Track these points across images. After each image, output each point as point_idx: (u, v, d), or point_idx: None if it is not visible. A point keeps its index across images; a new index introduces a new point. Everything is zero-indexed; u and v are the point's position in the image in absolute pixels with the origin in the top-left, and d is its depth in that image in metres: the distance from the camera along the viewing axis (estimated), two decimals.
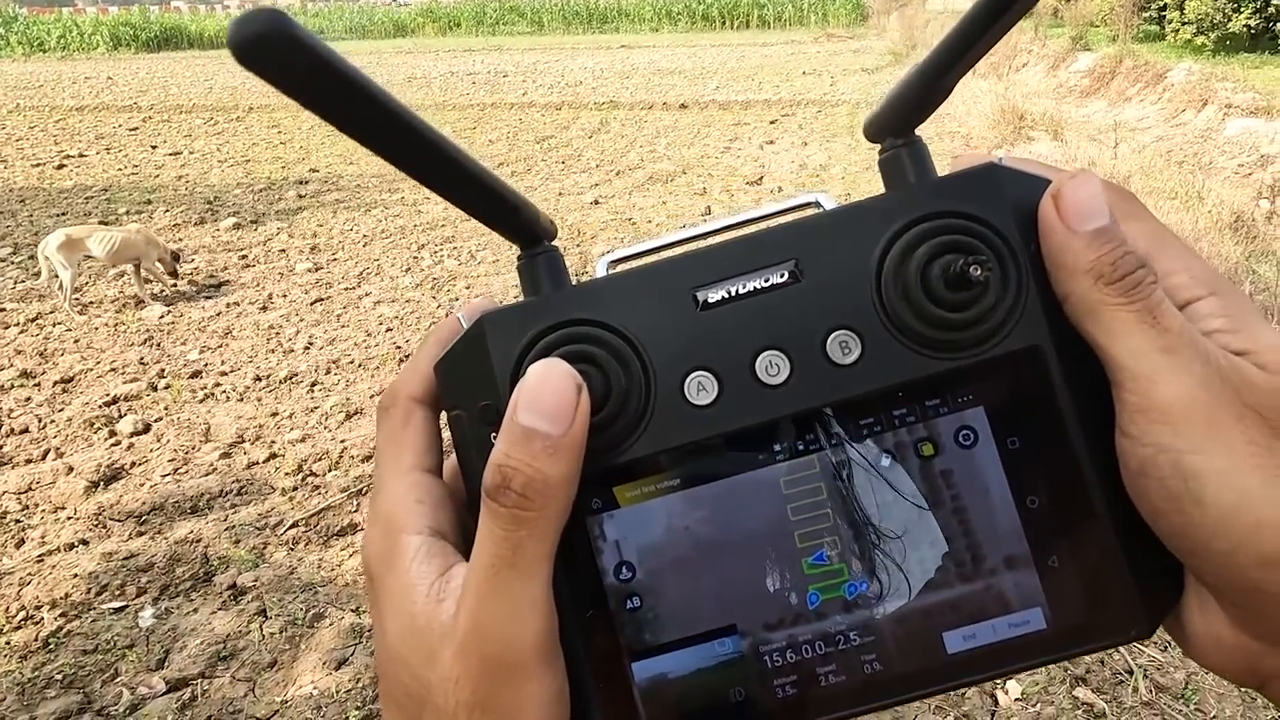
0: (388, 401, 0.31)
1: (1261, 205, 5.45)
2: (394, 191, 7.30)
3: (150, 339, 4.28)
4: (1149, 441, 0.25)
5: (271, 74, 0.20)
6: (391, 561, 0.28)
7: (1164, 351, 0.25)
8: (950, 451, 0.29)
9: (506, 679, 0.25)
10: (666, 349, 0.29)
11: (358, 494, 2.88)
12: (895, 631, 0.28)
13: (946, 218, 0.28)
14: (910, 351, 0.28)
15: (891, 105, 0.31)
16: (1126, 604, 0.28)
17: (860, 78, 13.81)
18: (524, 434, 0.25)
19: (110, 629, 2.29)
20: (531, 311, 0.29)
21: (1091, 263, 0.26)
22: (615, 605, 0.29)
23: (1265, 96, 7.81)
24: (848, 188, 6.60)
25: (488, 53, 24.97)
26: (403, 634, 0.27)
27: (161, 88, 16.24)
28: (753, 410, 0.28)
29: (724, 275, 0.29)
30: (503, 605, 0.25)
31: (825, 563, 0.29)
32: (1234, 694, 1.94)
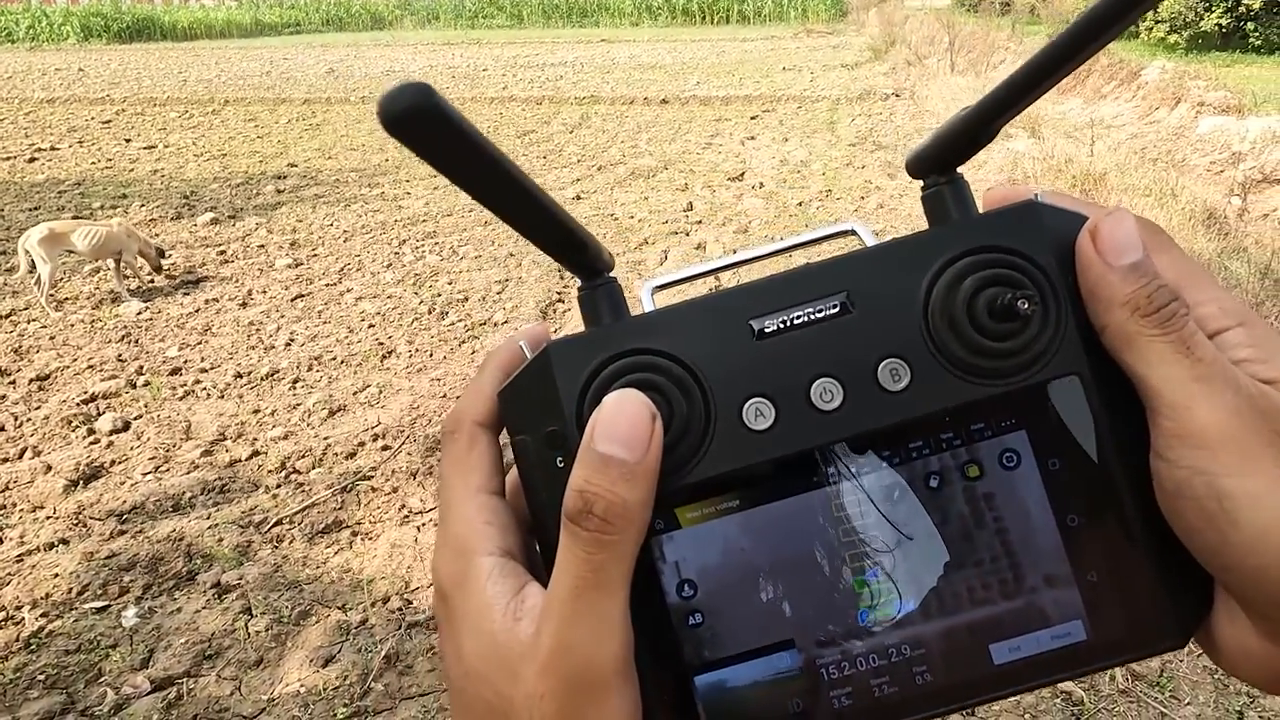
0: (452, 426, 0.32)
1: (1233, 202, 5.55)
2: (374, 186, 7.25)
3: (128, 336, 4.23)
4: (1185, 465, 0.27)
5: (417, 143, 0.22)
6: (466, 583, 0.29)
7: (1198, 380, 0.26)
8: (994, 473, 0.30)
9: (590, 696, 0.26)
10: (725, 377, 0.30)
11: (342, 491, 2.87)
12: (944, 644, 0.30)
13: (991, 252, 0.30)
14: (957, 379, 0.30)
15: (936, 144, 0.32)
16: (1161, 616, 0.29)
17: (840, 74, 13.87)
18: (602, 461, 0.26)
19: (93, 629, 2.27)
20: (595, 341, 0.30)
21: (1128, 296, 0.27)
22: (678, 622, 0.30)
23: (1236, 95, 7.95)
24: (828, 184, 6.64)
25: (467, 46, 24.80)
26: (482, 652, 0.28)
27: (135, 80, 15.98)
28: (809, 435, 0.30)
29: (778, 306, 0.31)
30: (587, 625, 0.26)
31: (874, 582, 0.30)
32: (1207, 682, 1.99)
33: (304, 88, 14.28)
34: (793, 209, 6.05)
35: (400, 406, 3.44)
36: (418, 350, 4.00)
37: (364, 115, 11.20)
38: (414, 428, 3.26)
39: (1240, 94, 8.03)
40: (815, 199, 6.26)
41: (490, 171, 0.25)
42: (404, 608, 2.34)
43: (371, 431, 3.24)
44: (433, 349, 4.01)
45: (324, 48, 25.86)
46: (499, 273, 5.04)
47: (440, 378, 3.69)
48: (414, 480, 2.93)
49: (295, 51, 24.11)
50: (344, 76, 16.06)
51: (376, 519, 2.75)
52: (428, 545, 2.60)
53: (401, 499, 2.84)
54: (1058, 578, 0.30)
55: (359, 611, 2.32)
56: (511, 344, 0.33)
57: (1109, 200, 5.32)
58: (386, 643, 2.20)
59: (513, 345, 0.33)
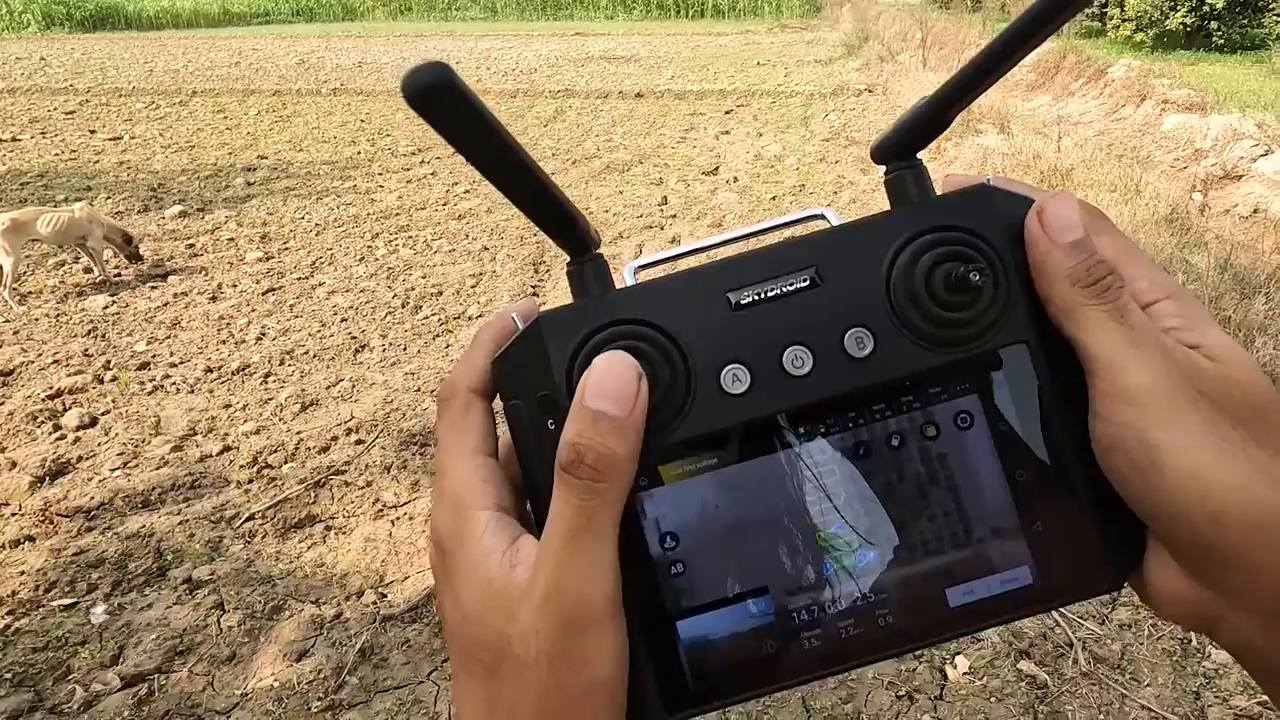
0: (447, 393, 0.34)
1: (1195, 198, 5.67)
2: (346, 179, 7.18)
3: (95, 330, 4.16)
4: (1118, 421, 0.29)
5: (435, 117, 0.24)
6: (463, 535, 0.31)
7: (1130, 345, 0.29)
8: (949, 433, 0.33)
9: (582, 631, 0.28)
10: (704, 345, 0.32)
11: (315, 485, 2.85)
12: (903, 590, 0.32)
13: (947, 230, 0.32)
14: (916, 346, 0.32)
15: (897, 132, 0.34)
16: (1099, 563, 0.32)
17: (814, 69, 13.93)
18: (593, 416, 0.28)
19: (61, 626, 2.25)
20: (584, 312, 0.32)
21: (1070, 270, 0.30)
22: (661, 572, 0.32)
23: (1199, 93, 8.11)
24: (802, 179, 6.69)
25: (440, 38, 24.56)
26: (480, 597, 0.30)
27: (99, 70, 15.65)
28: (781, 398, 0.32)
29: (753, 280, 0.33)
30: (579, 566, 0.28)
31: (838, 535, 0.32)
32: (1165, 663, 2.05)
33: (274, 79, 14.07)
34: (767, 203, 6.08)
35: (373, 400, 3.43)
36: (391, 344, 3.98)
37: (335, 107, 11.07)
38: (387, 422, 3.25)
39: (1203, 92, 8.19)
40: (789, 193, 6.30)
41: (498, 148, 0.27)
42: (378, 601, 2.33)
43: (344, 426, 3.22)
44: (406, 343, 3.99)
45: (294, 38, 25.48)
46: (473, 266, 5.02)
47: (414, 371, 3.67)
48: (388, 474, 2.92)
49: (265, 42, 23.74)
50: (315, 68, 15.85)
51: (350, 513, 2.74)
52: (402, 539, 2.59)
53: (375, 493, 2.83)
54: (1006, 528, 0.32)
55: (333, 606, 2.32)
56: (503, 316, 0.35)
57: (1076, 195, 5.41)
58: (361, 636, 2.20)
59: (505, 317, 0.35)
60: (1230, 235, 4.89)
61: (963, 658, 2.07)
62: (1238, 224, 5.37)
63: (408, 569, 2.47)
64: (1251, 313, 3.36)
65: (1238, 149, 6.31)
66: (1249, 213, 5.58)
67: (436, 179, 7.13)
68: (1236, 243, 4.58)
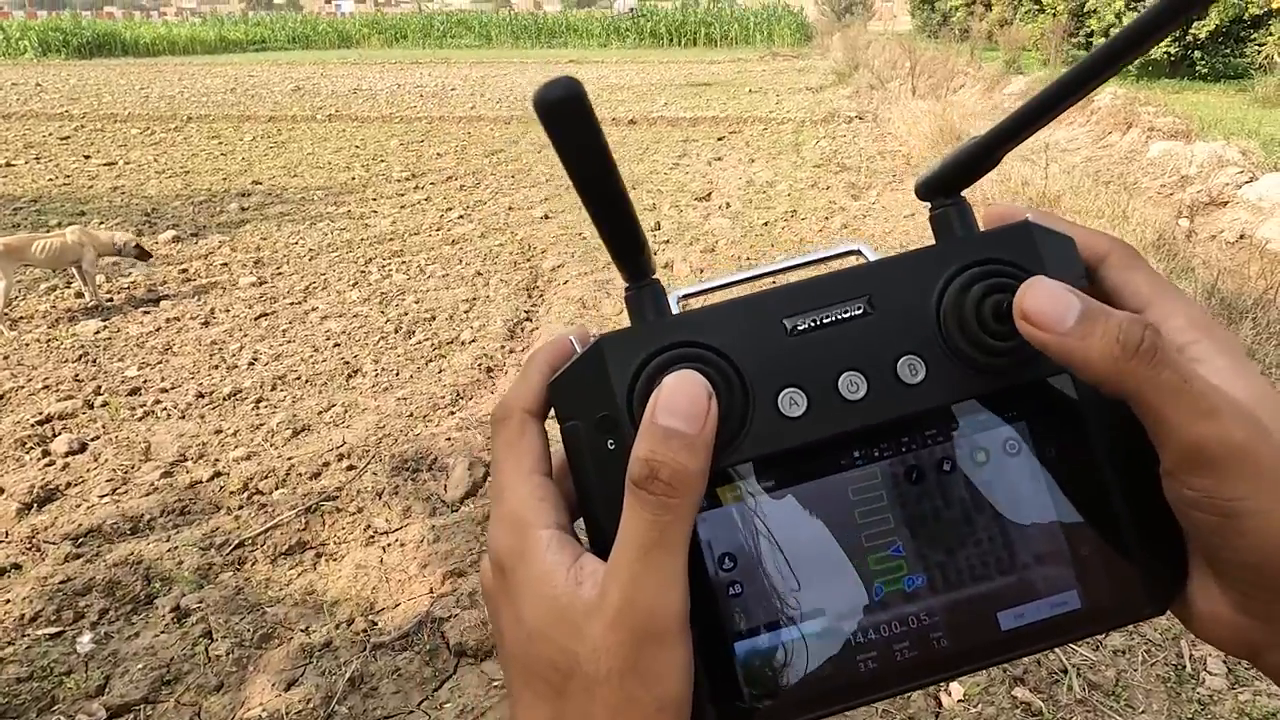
0: (503, 414, 0.34)
1: (1181, 224, 5.74)
2: (340, 204, 7.20)
3: (85, 355, 4.15)
4: (1194, 486, 0.28)
5: (559, 129, 0.26)
6: (525, 553, 0.31)
7: (1199, 413, 0.28)
8: (998, 459, 0.33)
9: (654, 646, 0.28)
10: (762, 368, 0.33)
11: (306, 512, 2.83)
12: (955, 613, 0.33)
13: (994, 264, 0.33)
14: (966, 373, 0.33)
15: (943, 171, 0.36)
16: (1143, 588, 0.33)
17: (805, 96, 14.10)
18: (665, 433, 0.29)
19: (46, 655, 2.22)
20: (645, 335, 0.33)
21: (1099, 350, 0.28)
22: (720, 592, 0.32)
23: (1184, 120, 8.23)
24: (793, 204, 6.74)
25: (435, 65, 24.80)
26: (545, 615, 0.30)
27: (94, 96, 15.73)
28: (837, 422, 0.33)
29: (809, 307, 0.34)
30: (652, 581, 0.28)
31: (889, 558, 0.33)
32: (1160, 690, 2.04)
33: (269, 105, 14.17)
34: (759, 229, 6.13)
35: (366, 426, 3.42)
36: (384, 369, 3.97)
37: (330, 133, 11.14)
38: (379, 448, 3.24)
39: (1188, 120, 8.32)
40: (781, 219, 6.35)
41: (603, 168, 0.27)
42: (368, 629, 2.31)
43: (336, 451, 3.21)
44: (399, 368, 3.99)
45: (290, 65, 25.70)
46: (466, 291, 5.03)
47: (406, 397, 3.67)
48: (379, 500, 2.91)
49: (261, 69, 23.92)
50: (310, 94, 15.97)
51: (341, 540, 2.72)
52: (393, 566, 2.57)
53: (367, 519, 2.81)
54: (1054, 553, 0.33)
55: (322, 633, 2.29)
56: (559, 340, 0.35)
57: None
58: (351, 665, 2.17)
59: (561, 341, 0.35)
60: (1217, 261, 4.95)
61: (957, 685, 2.06)
62: (1224, 249, 5.43)
63: (399, 596, 2.45)
64: (1239, 337, 3.39)
65: (1223, 175, 6.40)
66: (1235, 238, 5.64)
67: (430, 204, 7.16)
68: (1223, 268, 4.62)
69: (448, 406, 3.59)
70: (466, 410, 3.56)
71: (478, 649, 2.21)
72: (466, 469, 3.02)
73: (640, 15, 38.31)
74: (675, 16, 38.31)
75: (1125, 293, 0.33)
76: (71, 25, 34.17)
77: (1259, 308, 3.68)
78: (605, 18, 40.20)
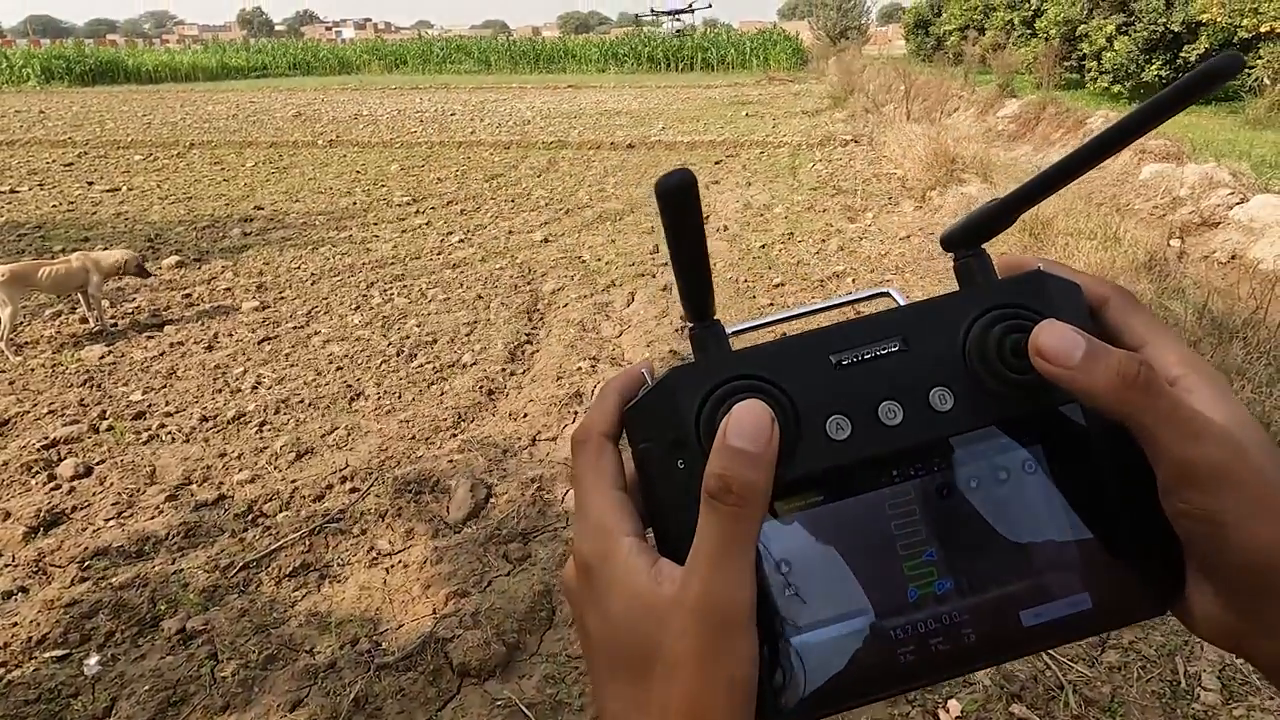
0: (583, 436, 0.39)
1: (1172, 245, 5.81)
2: (342, 229, 7.28)
3: (90, 380, 4.19)
4: (1185, 499, 0.34)
5: (674, 209, 0.31)
6: (610, 556, 0.36)
7: (1190, 436, 0.33)
8: (1018, 477, 0.38)
9: (727, 634, 0.33)
10: (813, 397, 0.38)
11: (310, 534, 2.86)
12: (982, 611, 0.38)
13: (1012, 307, 0.39)
14: (989, 403, 0.38)
15: (965, 226, 0.42)
16: (1146, 591, 0.38)
17: (801, 120, 14.26)
18: (735, 453, 0.33)
19: (53, 678, 2.24)
20: (708, 368, 0.38)
21: (1101, 382, 0.33)
22: (776, 593, 0.37)
23: (1175, 143, 8.33)
24: (790, 227, 6.81)
25: (434, 90, 25.06)
26: (630, 609, 0.35)
27: (98, 122, 15.89)
28: (878, 444, 0.38)
29: (851, 345, 0.39)
30: (727, 577, 0.33)
31: (922, 565, 0.38)
32: (1155, 705, 2.06)
33: (271, 131, 14.31)
34: (756, 251, 6.19)
35: (368, 448, 3.45)
36: (386, 392, 4.01)
37: (332, 158, 11.25)
38: (382, 470, 3.27)
39: (1179, 142, 8.42)
40: (778, 241, 6.42)
41: (696, 238, 0.33)
42: (373, 650, 2.34)
43: (339, 474, 3.24)
44: (401, 391, 4.03)
45: (291, 91, 25.95)
46: (467, 315, 5.08)
47: (409, 419, 3.71)
48: (382, 522, 2.94)
49: (262, 95, 24.15)
50: (312, 120, 16.13)
51: (345, 561, 2.74)
52: (396, 587, 2.60)
53: (370, 541, 2.84)
54: (1068, 560, 0.38)
55: (327, 654, 2.32)
56: (634, 371, 0.41)
57: (1055, 242, 5.53)
58: (355, 685, 2.19)
59: (634, 372, 0.41)
60: (1208, 281, 5.01)
61: (955, 701, 2.08)
62: (1216, 270, 5.49)
63: (402, 617, 2.47)
64: (1230, 357, 3.44)
65: (1214, 197, 6.48)
66: (1227, 259, 5.71)
67: (431, 228, 7.23)
68: (1214, 288, 4.68)
69: (449, 429, 3.63)
70: (468, 432, 3.60)
71: (481, 669, 2.24)
72: (468, 491, 3.05)
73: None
74: (672, 41, 38.75)
75: (1124, 332, 0.38)
76: (75, 53, 34.53)
77: (1249, 327, 3.73)
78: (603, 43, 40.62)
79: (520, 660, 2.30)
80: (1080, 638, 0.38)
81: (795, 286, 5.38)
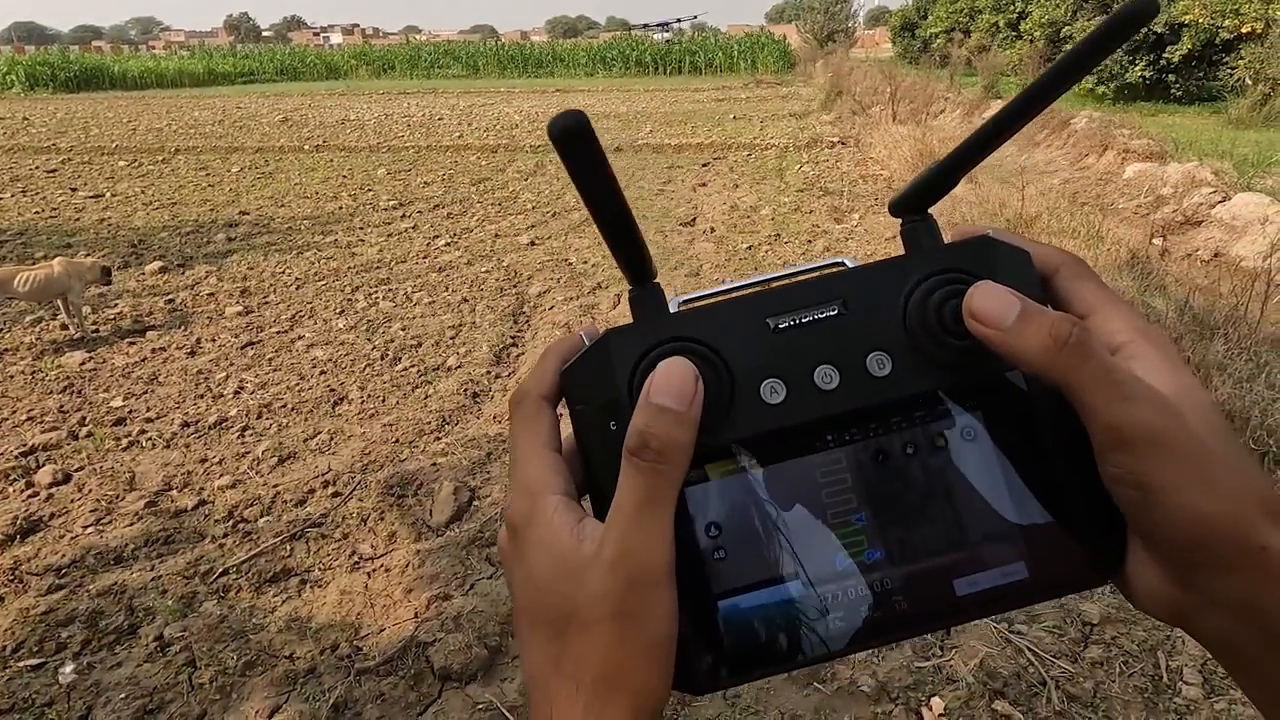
0: (519, 397, 0.39)
1: (1155, 243, 5.84)
2: (327, 234, 7.24)
3: (70, 386, 4.15)
4: (1115, 464, 0.33)
5: (570, 153, 0.30)
6: (535, 515, 0.35)
7: (1121, 398, 0.32)
8: (956, 444, 0.37)
9: (644, 591, 0.33)
10: (747, 360, 0.37)
11: (291, 539, 2.84)
12: (915, 579, 0.37)
13: (955, 272, 0.38)
14: (928, 368, 0.37)
15: (911, 191, 0.40)
16: (1087, 559, 0.37)
17: (788, 122, 14.30)
18: (658, 409, 0.33)
19: (28, 687, 2.21)
20: (644, 330, 0.38)
21: (1034, 344, 0.32)
22: (707, 556, 0.37)
23: (1158, 142, 8.38)
24: (777, 228, 6.82)
25: (422, 95, 25.01)
26: (552, 567, 0.34)
27: (82, 129, 15.79)
28: (813, 409, 0.37)
29: (789, 308, 0.38)
30: (644, 534, 0.33)
31: (852, 532, 0.37)
32: (1138, 701, 2.06)
33: (257, 136, 14.25)
34: (743, 252, 6.20)
35: (351, 453, 3.43)
36: (370, 396, 3.99)
37: (318, 163, 11.21)
38: (365, 474, 3.25)
39: (1162, 141, 8.48)
40: (765, 243, 6.43)
41: (608, 187, 0.32)
42: (353, 655, 2.31)
43: (322, 478, 3.21)
44: (385, 395, 4.01)
45: (278, 96, 25.86)
46: (452, 318, 5.06)
47: (392, 423, 3.68)
48: (364, 526, 2.92)
49: (249, 100, 24.07)
50: (298, 125, 16.07)
51: (326, 566, 2.72)
52: (378, 591, 2.58)
53: (352, 545, 2.82)
54: (1004, 528, 0.37)
55: (307, 660, 2.29)
56: (573, 336, 0.40)
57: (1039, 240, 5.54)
58: (335, 691, 2.17)
59: (574, 337, 0.40)
60: (1190, 279, 5.04)
61: (938, 699, 2.08)
62: (1198, 268, 5.52)
63: (384, 621, 2.45)
64: (1210, 353, 3.46)
65: (1197, 195, 6.52)
66: (1209, 257, 5.74)
67: (417, 232, 7.21)
68: (1196, 286, 4.71)
69: (434, 432, 3.61)
70: (452, 435, 3.58)
71: (462, 672, 2.22)
72: (452, 493, 3.03)
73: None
74: (660, 45, 38.83)
75: (1074, 300, 0.38)
76: (59, 59, 34.34)
77: (1230, 324, 3.75)
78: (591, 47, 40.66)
79: (502, 663, 2.28)
80: (1017, 607, 0.37)
81: None
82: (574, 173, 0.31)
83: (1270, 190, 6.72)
